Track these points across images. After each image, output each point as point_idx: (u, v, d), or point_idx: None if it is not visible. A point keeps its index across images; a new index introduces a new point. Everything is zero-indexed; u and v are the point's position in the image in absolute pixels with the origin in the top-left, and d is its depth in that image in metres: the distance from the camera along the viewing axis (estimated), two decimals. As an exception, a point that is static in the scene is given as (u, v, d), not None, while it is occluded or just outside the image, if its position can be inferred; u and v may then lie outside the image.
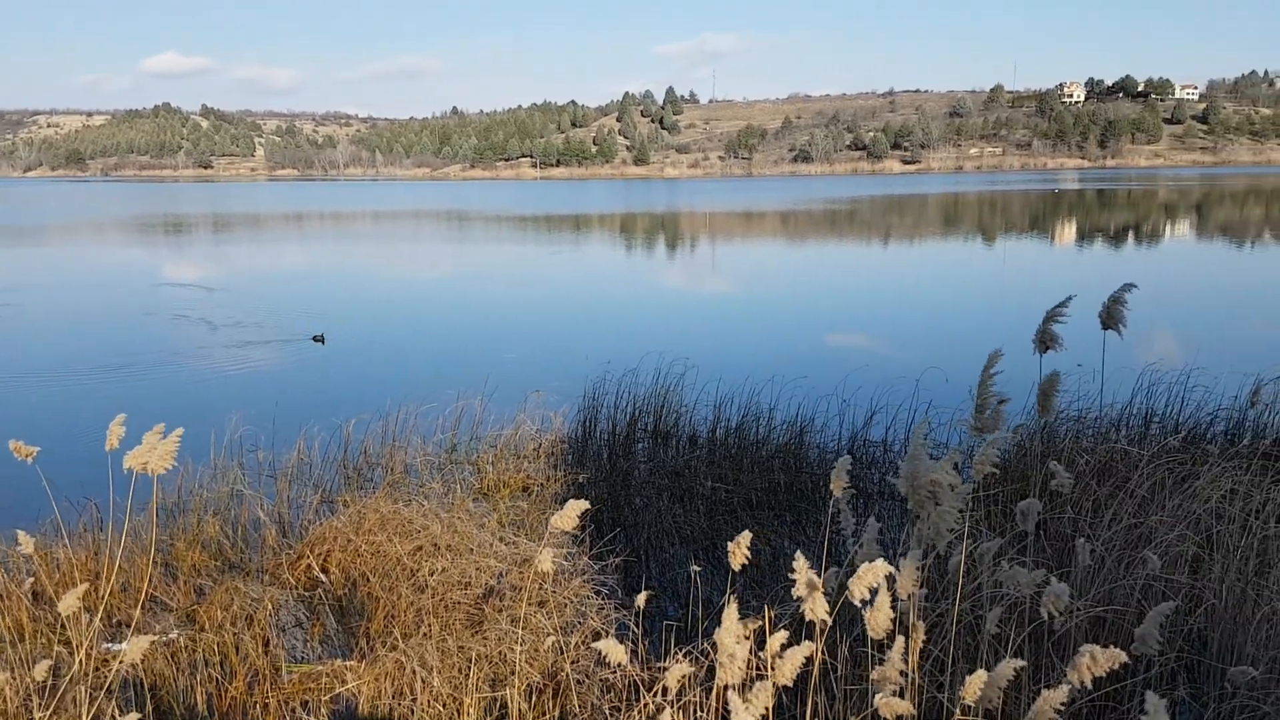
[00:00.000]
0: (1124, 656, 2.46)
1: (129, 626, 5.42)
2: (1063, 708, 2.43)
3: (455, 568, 5.85)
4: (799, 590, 2.93)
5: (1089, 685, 2.47)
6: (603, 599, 5.58)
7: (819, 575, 3.20)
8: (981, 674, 2.48)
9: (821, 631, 3.19)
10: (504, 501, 7.85)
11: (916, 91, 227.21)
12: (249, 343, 16.36)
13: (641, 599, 3.80)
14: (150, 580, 5.78)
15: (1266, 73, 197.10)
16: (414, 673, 4.67)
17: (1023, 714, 3.31)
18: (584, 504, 3.50)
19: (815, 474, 8.28)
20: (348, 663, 5.18)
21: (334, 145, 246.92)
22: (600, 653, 3.33)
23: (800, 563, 3.13)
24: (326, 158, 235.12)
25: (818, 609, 3.03)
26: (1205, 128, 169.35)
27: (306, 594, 6.03)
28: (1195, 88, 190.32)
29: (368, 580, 5.98)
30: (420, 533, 6.32)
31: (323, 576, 6.22)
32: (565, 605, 5.45)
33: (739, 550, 3.26)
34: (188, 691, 4.82)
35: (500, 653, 4.81)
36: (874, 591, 2.98)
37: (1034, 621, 4.07)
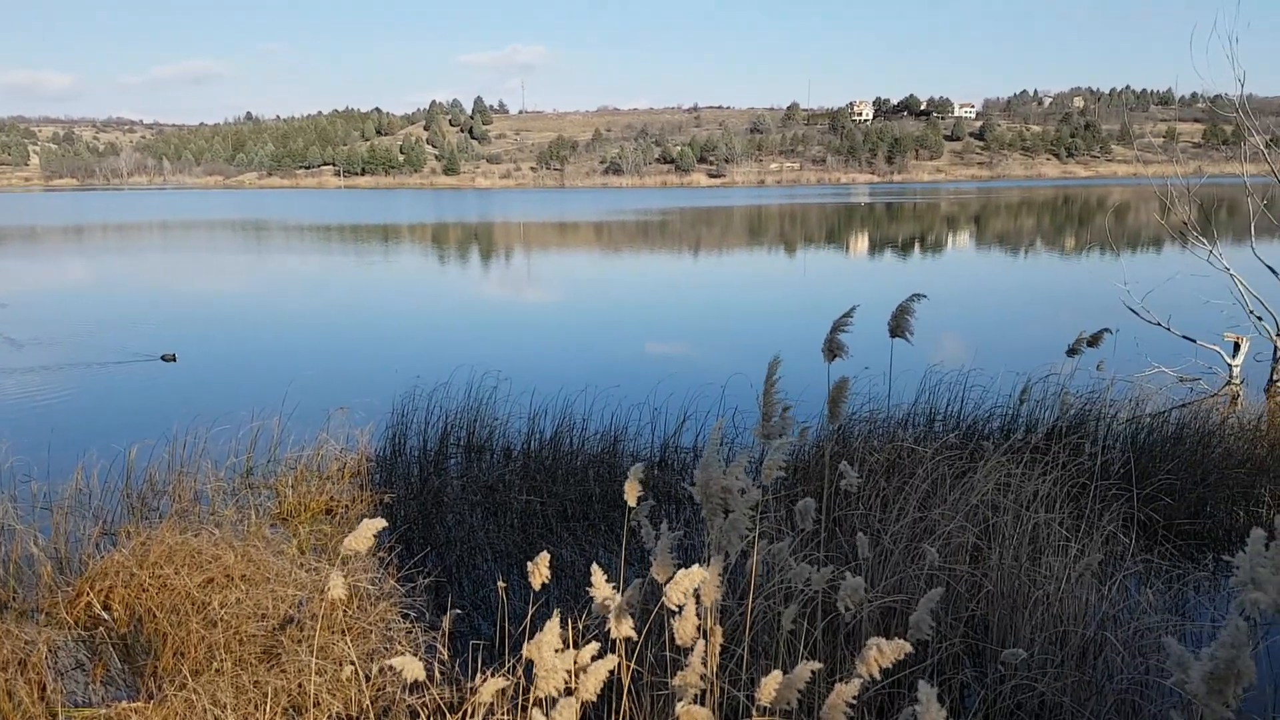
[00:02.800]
0: (908, 647, 2.58)
1: None
2: (855, 700, 2.53)
3: (250, 599, 5.54)
4: (597, 605, 2.93)
5: (877, 677, 2.58)
6: (411, 622, 5.41)
7: (627, 584, 3.21)
8: (776, 675, 2.54)
9: (630, 644, 3.20)
10: (304, 526, 7.49)
11: (720, 108, 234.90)
12: (12, 370, 14.94)
13: (447, 620, 3.71)
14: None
15: (1036, 92, 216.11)
16: (205, 711, 4.37)
17: (818, 708, 3.45)
18: (380, 523, 3.36)
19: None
20: (133, 704, 4.79)
21: (117, 153, 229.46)
22: (399, 671, 3.22)
23: (598, 576, 3.13)
24: (109, 166, 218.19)
25: (623, 628, 3.03)
26: (982, 144, 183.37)
27: (87, 634, 5.58)
28: (972, 106, 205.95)
29: (154, 616, 5.57)
30: (211, 563, 5.96)
31: (105, 614, 5.76)
32: (370, 631, 5.26)
33: (539, 571, 3.23)
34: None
35: (299, 684, 4.58)
36: (687, 595, 3.02)
37: (828, 615, 4.25)
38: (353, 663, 4.68)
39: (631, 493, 3.55)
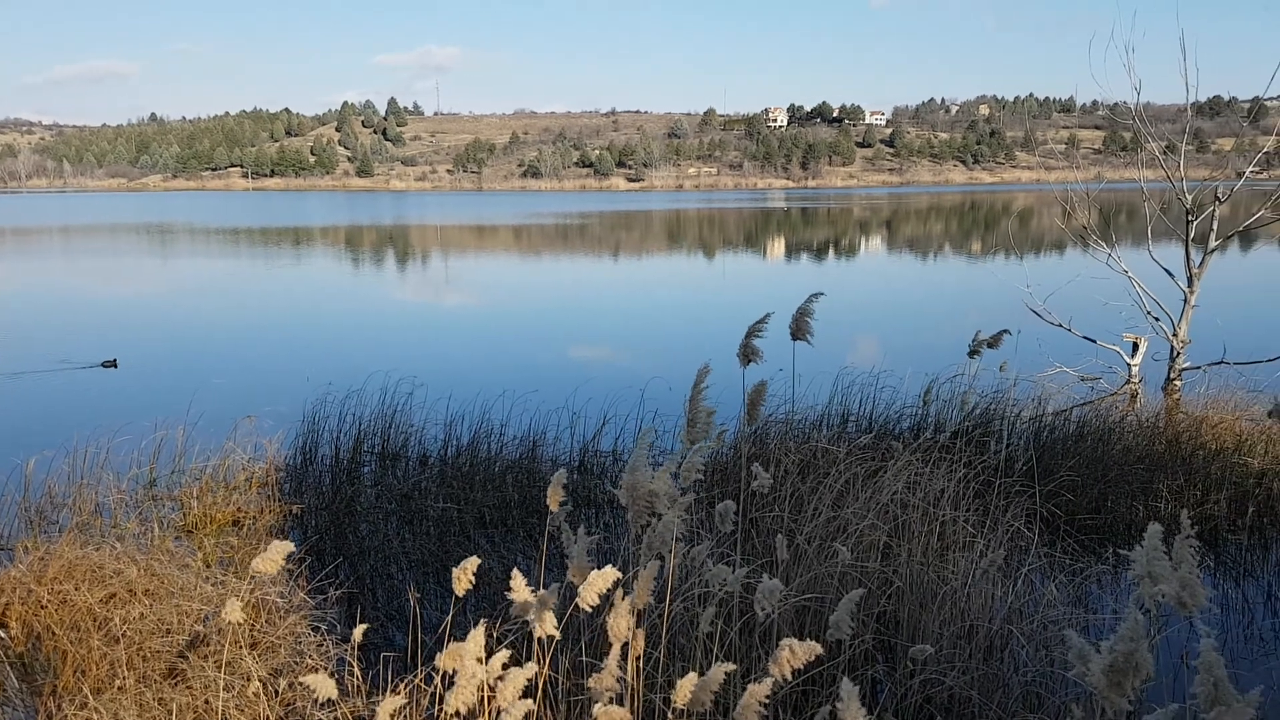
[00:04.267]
0: (819, 649, 2.60)
1: None
2: (768, 699, 2.55)
3: (154, 614, 5.36)
4: (515, 610, 2.91)
5: (789, 678, 2.61)
6: (321, 635, 5.29)
7: (544, 591, 3.19)
8: (691, 678, 2.55)
9: (547, 648, 3.18)
10: (210, 538, 7.26)
11: (637, 112, 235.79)
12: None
13: (358, 632, 3.63)
14: None
15: (943, 100, 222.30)
16: (106, 732, 4.20)
17: (733, 707, 3.47)
18: (289, 545, 3.28)
19: (548, 487, 8.30)
20: (30, 728, 4.59)
21: (14, 155, 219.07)
22: (311, 688, 3.14)
23: (517, 580, 3.11)
24: (5, 168, 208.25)
25: (546, 624, 3.01)
26: (892, 151, 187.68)
27: (-18, 653, 5.32)
28: (882, 114, 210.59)
29: (54, 634, 5.37)
30: (113, 578, 5.76)
31: (1, 633, 5.52)
32: (279, 645, 5.12)
33: (463, 577, 3.19)
34: None
35: (205, 701, 4.43)
36: (606, 597, 3.01)
37: (744, 615, 4.28)
38: (260, 678, 4.55)
39: (554, 498, 3.53)
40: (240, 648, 4.98)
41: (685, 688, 2.47)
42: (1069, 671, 2.45)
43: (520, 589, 2.99)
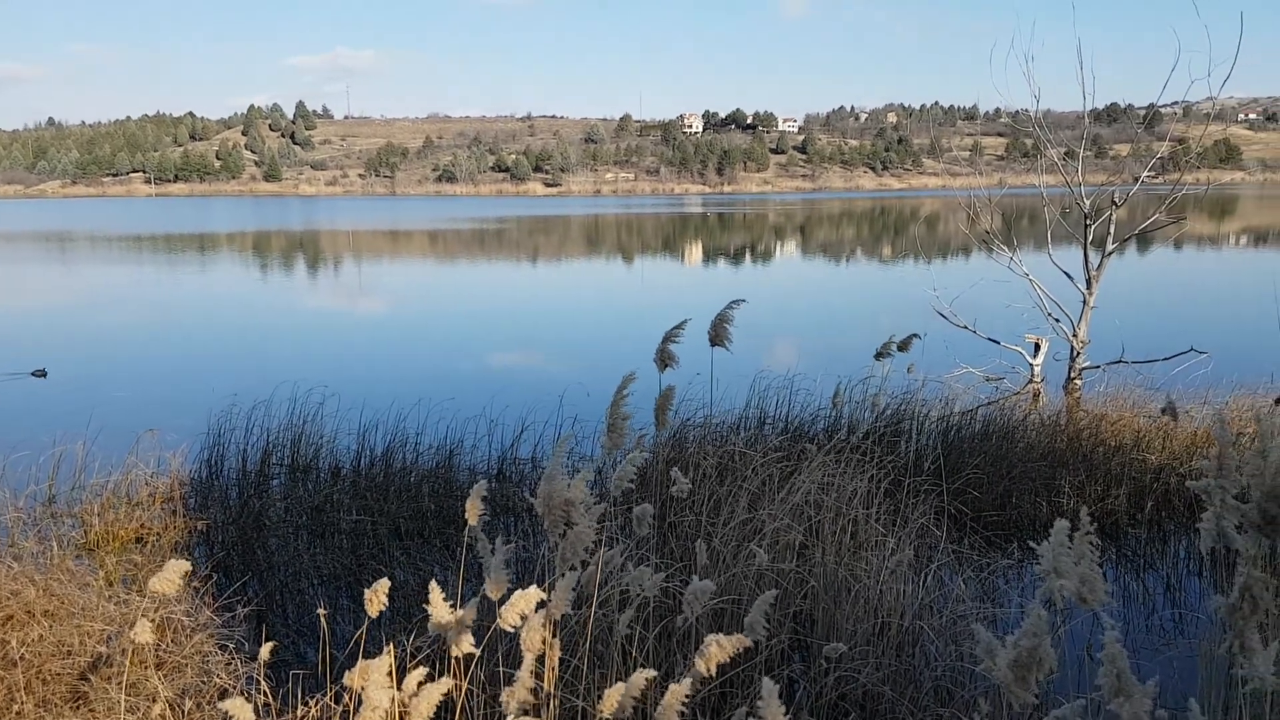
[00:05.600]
0: (748, 641, 2.63)
1: None
2: (688, 699, 2.57)
3: (53, 635, 5.12)
4: (433, 628, 2.87)
5: (714, 673, 2.63)
6: (229, 654, 5.14)
7: (464, 601, 3.15)
8: (620, 686, 2.55)
9: (464, 662, 3.14)
10: (113, 556, 7.00)
11: (553, 117, 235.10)
12: None
13: (266, 650, 3.53)
14: None
15: (853, 108, 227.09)
16: (0, 763, 4.01)
17: (651, 711, 3.49)
18: (185, 564, 3.18)
19: (465, 497, 8.19)
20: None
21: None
22: (225, 713, 3.04)
23: (435, 595, 3.06)
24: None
25: (463, 644, 2.97)
26: (805, 157, 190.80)
27: None
28: (794, 121, 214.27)
29: (-58, 662, 5.08)
30: (10, 599, 5.49)
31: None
32: (185, 665, 4.96)
33: (376, 599, 3.13)
34: None
35: (107, 728, 4.27)
36: (524, 616, 2.99)
37: (662, 620, 4.31)
38: (166, 699, 4.40)
39: (473, 511, 3.49)
40: (145, 668, 4.81)
41: (612, 696, 2.47)
42: (977, 666, 2.52)
43: (439, 608, 2.94)
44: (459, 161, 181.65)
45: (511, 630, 2.97)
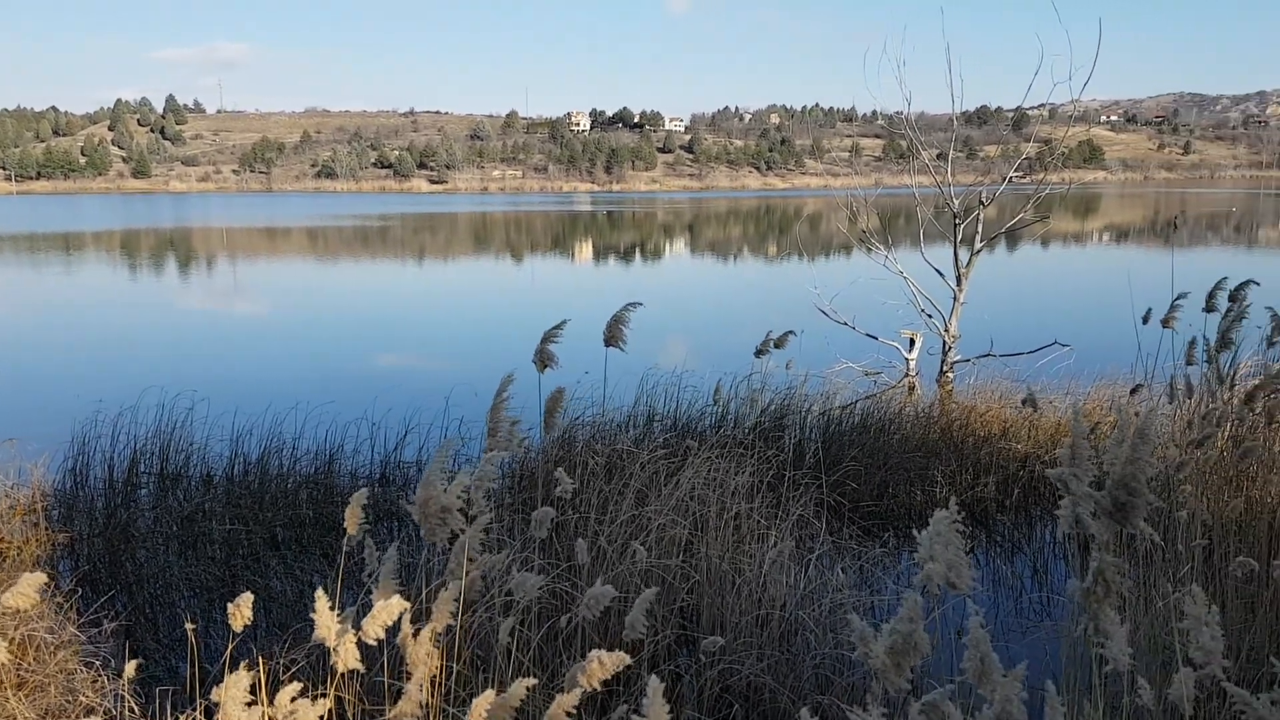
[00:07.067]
0: (628, 659, 2.61)
1: None
2: (574, 709, 2.54)
3: (-103, 662, 4.77)
4: (320, 634, 2.77)
5: (598, 688, 2.61)
6: (95, 671, 4.88)
7: (343, 609, 3.05)
8: (489, 694, 2.51)
9: (344, 675, 3.04)
10: (-38, 576, 6.55)
11: (438, 113, 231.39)
12: None
13: (131, 666, 3.36)
14: None
15: (738, 109, 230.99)
16: None
17: (538, 715, 3.46)
18: (41, 577, 3.00)
19: (346, 503, 7.99)
20: None
21: None
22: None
23: (321, 603, 2.96)
24: None
25: (349, 658, 2.87)
26: (691, 156, 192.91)
27: None
28: (681, 120, 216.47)
29: None
30: None
31: None
32: (49, 684, 4.69)
33: (239, 614, 3.00)
34: None
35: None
36: (394, 627, 2.92)
37: (547, 622, 4.28)
38: (22, 725, 4.14)
39: (352, 520, 3.39)
40: (3, 689, 4.52)
41: (480, 706, 2.42)
42: (854, 653, 2.58)
43: (325, 618, 2.84)
44: (339, 157, 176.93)
45: (374, 644, 2.90)
